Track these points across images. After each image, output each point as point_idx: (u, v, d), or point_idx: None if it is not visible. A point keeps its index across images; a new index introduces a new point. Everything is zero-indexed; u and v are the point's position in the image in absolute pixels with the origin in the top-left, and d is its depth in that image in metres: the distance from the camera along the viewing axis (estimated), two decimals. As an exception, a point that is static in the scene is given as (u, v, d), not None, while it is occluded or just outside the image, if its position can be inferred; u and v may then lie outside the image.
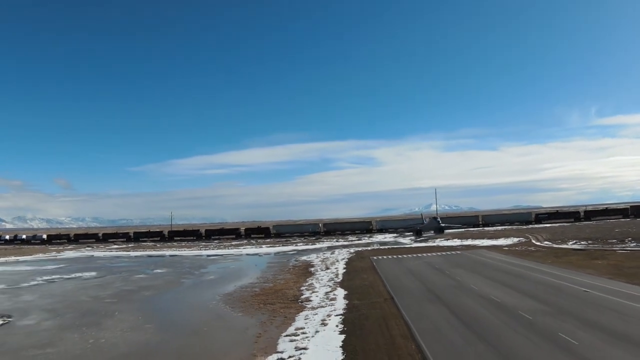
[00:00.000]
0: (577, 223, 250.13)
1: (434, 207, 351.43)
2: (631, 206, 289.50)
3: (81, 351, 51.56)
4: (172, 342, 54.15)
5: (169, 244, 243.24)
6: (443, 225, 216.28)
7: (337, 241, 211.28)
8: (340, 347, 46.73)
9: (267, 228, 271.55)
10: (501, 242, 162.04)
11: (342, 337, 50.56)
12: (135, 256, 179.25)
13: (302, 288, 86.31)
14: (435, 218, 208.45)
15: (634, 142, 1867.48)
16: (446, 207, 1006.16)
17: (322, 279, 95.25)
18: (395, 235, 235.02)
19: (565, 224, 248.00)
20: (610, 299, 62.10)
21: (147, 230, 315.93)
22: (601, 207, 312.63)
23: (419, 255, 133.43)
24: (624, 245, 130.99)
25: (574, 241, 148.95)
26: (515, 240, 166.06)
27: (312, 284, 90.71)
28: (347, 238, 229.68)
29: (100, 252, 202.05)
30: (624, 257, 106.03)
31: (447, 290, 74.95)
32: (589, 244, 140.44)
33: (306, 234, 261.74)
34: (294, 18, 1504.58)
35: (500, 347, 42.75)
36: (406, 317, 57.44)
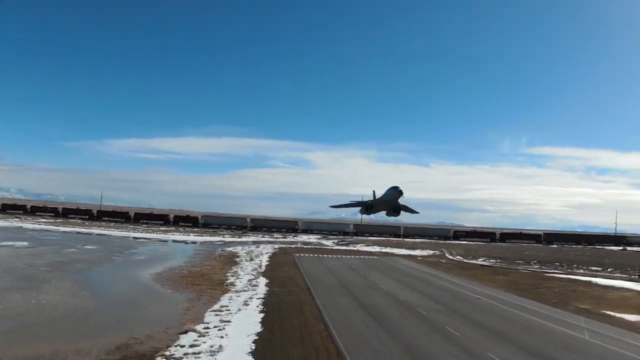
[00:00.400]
0: (492, 243, 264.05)
1: (362, 216, 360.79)
2: (544, 233, 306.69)
3: (25, 309, 56.45)
4: (108, 309, 59.93)
5: (97, 223, 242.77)
6: (402, 204, 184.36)
7: (263, 237, 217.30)
8: (260, 322, 54.04)
9: (196, 218, 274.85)
10: (417, 252, 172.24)
11: (262, 315, 57.90)
12: (64, 231, 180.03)
13: (227, 274, 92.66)
14: (395, 187, 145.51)
15: (559, 174, 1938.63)
16: (372, 217, 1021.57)
17: (246, 268, 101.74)
18: (319, 237, 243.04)
19: (481, 242, 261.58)
20: (497, 306, 72.23)
21: (76, 207, 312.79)
22: (517, 231, 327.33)
23: (339, 256, 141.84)
24: (527, 266, 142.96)
25: (484, 258, 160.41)
26: (431, 252, 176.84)
27: (236, 271, 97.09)
28: (273, 235, 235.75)
29: (29, 224, 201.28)
30: (524, 276, 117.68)
31: (359, 287, 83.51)
32: (497, 262, 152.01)
33: (234, 227, 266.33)
34: (244, 15, 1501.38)
35: (394, 332, 51.21)
36: (319, 304, 65.43)
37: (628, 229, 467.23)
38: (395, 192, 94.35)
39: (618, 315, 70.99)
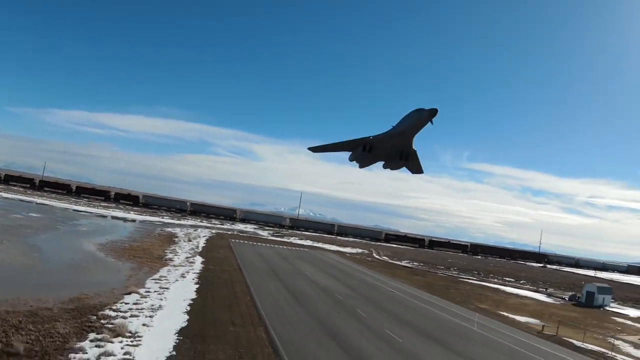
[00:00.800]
0: (420, 249, 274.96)
1: (300, 211, 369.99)
2: (471, 244, 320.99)
3: (-18, 263, 62.79)
4: (58, 269, 66.37)
5: (38, 192, 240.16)
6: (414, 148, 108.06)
7: (201, 222, 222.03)
8: (195, 291, 62.00)
9: (137, 197, 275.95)
10: (347, 250, 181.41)
11: (197, 286, 65.75)
12: (6, 197, 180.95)
13: (166, 251, 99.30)
14: (422, 109, 68.02)
15: (496, 191, 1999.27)
16: (311, 213, 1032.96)
17: (184, 248, 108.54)
18: (256, 227, 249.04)
19: (410, 247, 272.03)
20: (406, 298, 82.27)
21: (19, 175, 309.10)
22: (446, 240, 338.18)
23: (272, 245, 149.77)
24: (446, 271, 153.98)
25: (408, 261, 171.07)
26: (360, 251, 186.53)
27: (175, 249, 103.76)
28: (211, 221, 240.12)
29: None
30: (439, 278, 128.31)
31: (286, 272, 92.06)
32: (420, 265, 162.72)
33: (173, 209, 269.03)
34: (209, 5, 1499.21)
35: (311, 310, 60.19)
36: (248, 282, 73.77)
37: (554, 249, 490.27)
38: (422, 114, 40.00)
39: (511, 316, 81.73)
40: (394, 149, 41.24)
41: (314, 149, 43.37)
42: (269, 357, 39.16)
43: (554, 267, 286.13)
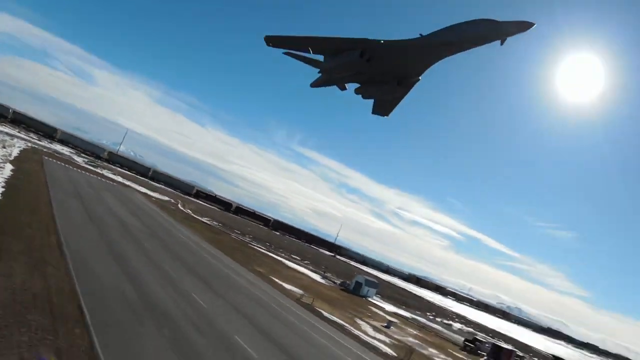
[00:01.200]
0: (226, 212, 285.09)
1: (122, 148, 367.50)
2: (274, 220, 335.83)
3: None
4: None
5: None
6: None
7: (19, 132, 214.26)
8: (0, 194, 67.59)
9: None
10: (155, 195, 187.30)
11: (2, 189, 71.10)
12: None
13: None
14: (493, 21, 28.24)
15: (316, 179, 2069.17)
16: (132, 153, 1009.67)
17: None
18: (73, 152, 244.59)
19: (216, 208, 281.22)
20: (193, 246, 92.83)
21: None
22: (252, 210, 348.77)
23: (83, 173, 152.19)
24: (241, 236, 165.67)
25: (210, 219, 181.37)
26: (167, 199, 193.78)
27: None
28: (30, 134, 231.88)
29: None
30: (231, 240, 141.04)
31: (91, 198, 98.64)
32: (219, 225, 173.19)
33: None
34: None
35: (103, 233, 69.29)
36: (52, 196, 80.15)
37: (353, 245, 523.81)
38: (504, 27, 26.18)
39: (281, 282, 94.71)
40: (401, 68, 30.38)
41: (272, 40, 31.75)
42: (56, 259, 47.40)
43: (343, 259, 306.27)
